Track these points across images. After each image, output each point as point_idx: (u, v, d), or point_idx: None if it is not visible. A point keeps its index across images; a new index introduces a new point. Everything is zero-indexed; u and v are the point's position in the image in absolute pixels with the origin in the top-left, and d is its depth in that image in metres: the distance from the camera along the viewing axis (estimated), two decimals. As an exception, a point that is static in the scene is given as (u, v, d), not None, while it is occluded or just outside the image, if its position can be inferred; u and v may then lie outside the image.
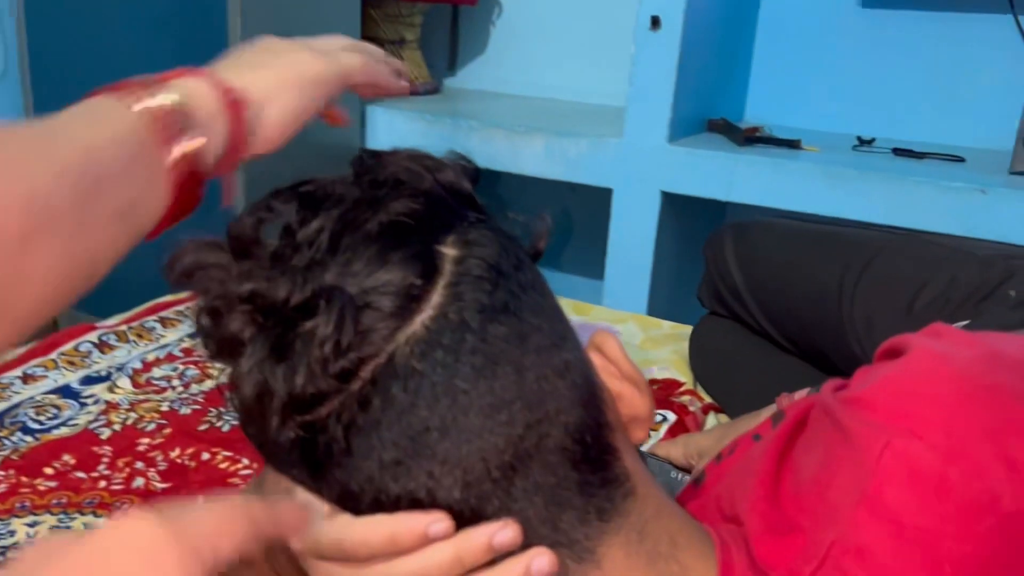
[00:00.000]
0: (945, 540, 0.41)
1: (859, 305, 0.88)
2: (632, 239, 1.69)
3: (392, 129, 1.88)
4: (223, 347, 0.40)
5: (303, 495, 0.44)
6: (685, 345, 1.12)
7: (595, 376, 0.46)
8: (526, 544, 0.42)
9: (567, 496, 0.43)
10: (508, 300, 0.41)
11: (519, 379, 0.41)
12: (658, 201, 1.66)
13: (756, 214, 1.64)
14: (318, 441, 0.40)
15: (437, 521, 0.41)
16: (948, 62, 1.75)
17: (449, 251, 0.41)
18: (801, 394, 0.79)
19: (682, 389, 1.06)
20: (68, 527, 0.83)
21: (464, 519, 0.41)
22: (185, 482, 0.90)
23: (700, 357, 1.08)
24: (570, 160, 1.71)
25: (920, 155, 1.62)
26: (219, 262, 0.41)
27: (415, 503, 0.41)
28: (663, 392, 1.05)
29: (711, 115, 1.78)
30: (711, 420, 1.00)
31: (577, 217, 2.12)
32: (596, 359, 0.48)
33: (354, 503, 0.42)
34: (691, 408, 1.02)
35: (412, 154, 0.44)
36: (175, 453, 0.94)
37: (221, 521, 0.35)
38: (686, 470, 0.83)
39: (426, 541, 0.41)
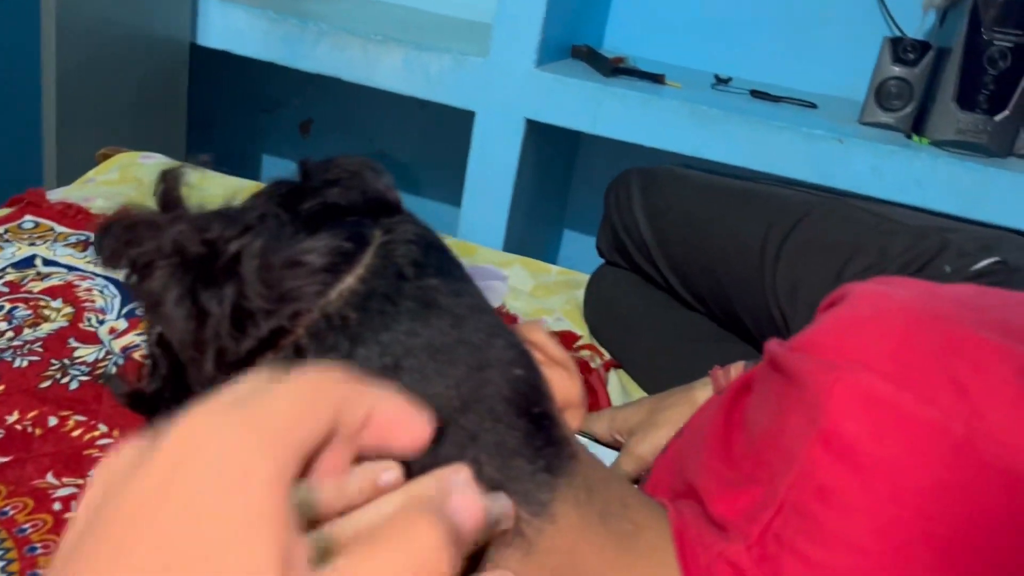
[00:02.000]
0: (905, 469, 0.41)
1: (783, 270, 0.85)
2: (492, 167, 1.61)
3: (228, 26, 1.68)
4: (148, 305, 0.40)
5: None
6: (579, 293, 1.07)
7: (528, 350, 0.45)
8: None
9: (515, 446, 0.42)
10: (440, 264, 0.43)
11: (457, 325, 0.42)
12: (522, 128, 1.58)
13: (615, 149, 1.61)
14: None
15: (388, 469, 0.37)
16: (803, 6, 1.76)
17: (377, 231, 0.42)
18: (737, 367, 0.76)
19: (580, 343, 1.01)
20: None
21: (415, 470, 0.38)
22: (30, 454, 0.76)
23: (597, 310, 1.04)
24: (431, 77, 1.59)
25: (776, 99, 1.64)
26: (149, 219, 0.40)
27: (361, 459, 0.38)
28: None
29: (575, 41, 1.71)
30: (613, 378, 0.96)
31: (435, 140, 2.01)
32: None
33: None
34: (592, 365, 0.97)
35: (360, 160, 0.45)
36: (13, 417, 0.79)
37: (302, 402, 0.29)
38: (612, 447, 0.79)
39: (376, 492, 0.37)
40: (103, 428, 0.79)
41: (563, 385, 0.46)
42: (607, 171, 1.18)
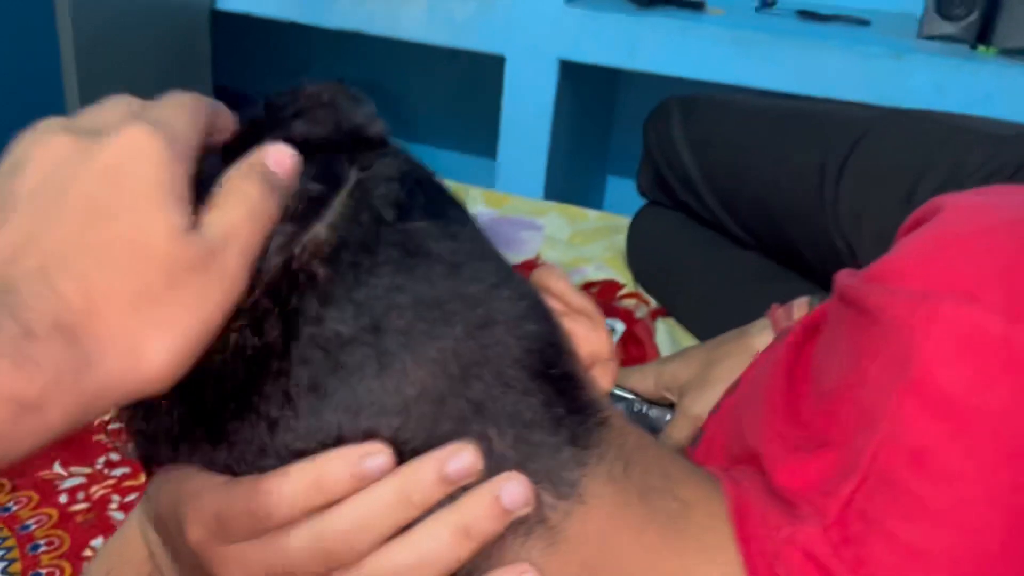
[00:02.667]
0: (1021, 425, 0.33)
1: (845, 196, 0.76)
2: (527, 113, 1.53)
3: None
4: None
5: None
6: (620, 239, 0.99)
7: (545, 302, 0.39)
8: (491, 475, 0.34)
9: (532, 416, 0.35)
10: (430, 204, 0.37)
11: (452, 275, 0.35)
12: (555, 70, 1.50)
13: (656, 84, 1.51)
14: (205, 385, 0.33)
15: (373, 453, 0.33)
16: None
17: (353, 169, 0.36)
18: (800, 304, 0.67)
19: (624, 292, 0.93)
20: None
21: (408, 452, 0.34)
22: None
23: (641, 254, 0.95)
24: (456, 23, 1.51)
25: (825, 18, 1.53)
26: None
27: (342, 442, 0.34)
28: (603, 296, 0.92)
29: (605, -28, 1.61)
30: (661, 327, 0.89)
31: (465, 90, 1.93)
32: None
33: (263, 460, 0.34)
34: (637, 314, 0.89)
35: (334, 87, 0.38)
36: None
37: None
38: (663, 405, 0.71)
39: (362, 481, 0.33)
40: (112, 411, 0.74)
41: (588, 338, 0.40)
42: (650, 109, 1.10)
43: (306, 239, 0.34)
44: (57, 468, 0.69)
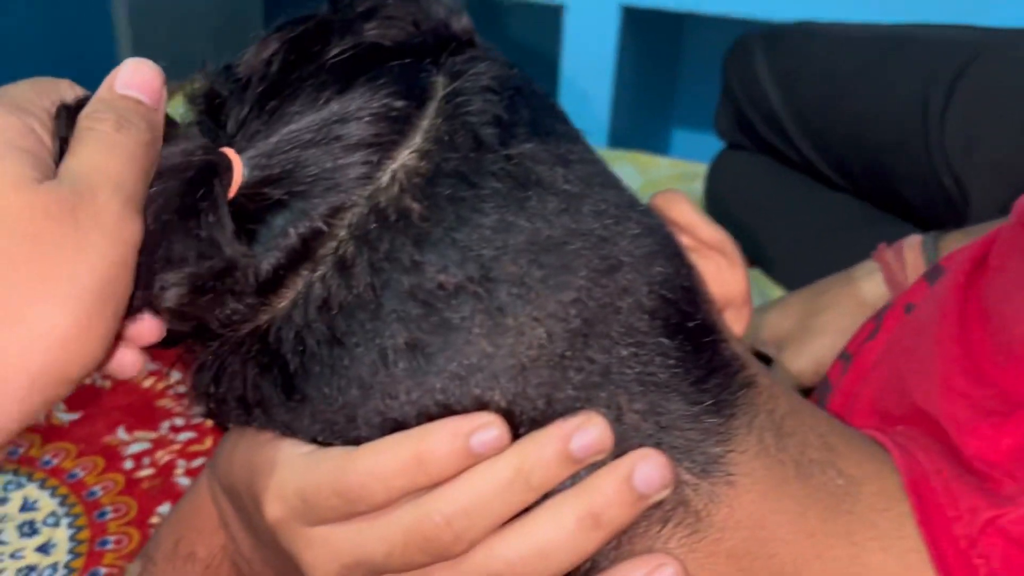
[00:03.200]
0: None
1: (952, 125, 0.70)
2: (588, 64, 1.47)
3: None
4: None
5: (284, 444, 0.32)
6: (695, 186, 0.94)
7: (673, 233, 0.34)
8: (621, 452, 0.30)
9: (668, 379, 0.31)
10: (534, 116, 0.31)
11: (570, 211, 0.30)
12: (617, 16, 1.43)
13: (725, 27, 1.44)
14: (283, 338, 0.30)
15: (485, 426, 0.29)
16: None
17: (440, 78, 0.31)
18: (911, 245, 0.61)
19: (705, 240, 0.88)
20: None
21: (524, 424, 0.30)
22: (100, 409, 0.68)
23: (722, 201, 0.90)
24: (512, -29, 1.46)
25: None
26: None
27: (447, 411, 0.29)
28: (682, 245, 0.87)
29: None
30: (747, 277, 0.83)
31: (522, 41, 1.87)
32: None
33: (355, 432, 0.30)
34: (721, 263, 0.84)
35: None
36: (80, 370, 0.72)
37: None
38: (760, 355, 0.66)
39: (471, 458, 0.29)
40: (176, 376, 0.71)
41: (721, 278, 0.35)
42: (719, 55, 1.03)
43: (393, 167, 0.29)
44: (121, 433, 0.66)
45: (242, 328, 0.31)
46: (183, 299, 0.29)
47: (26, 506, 0.60)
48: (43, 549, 0.58)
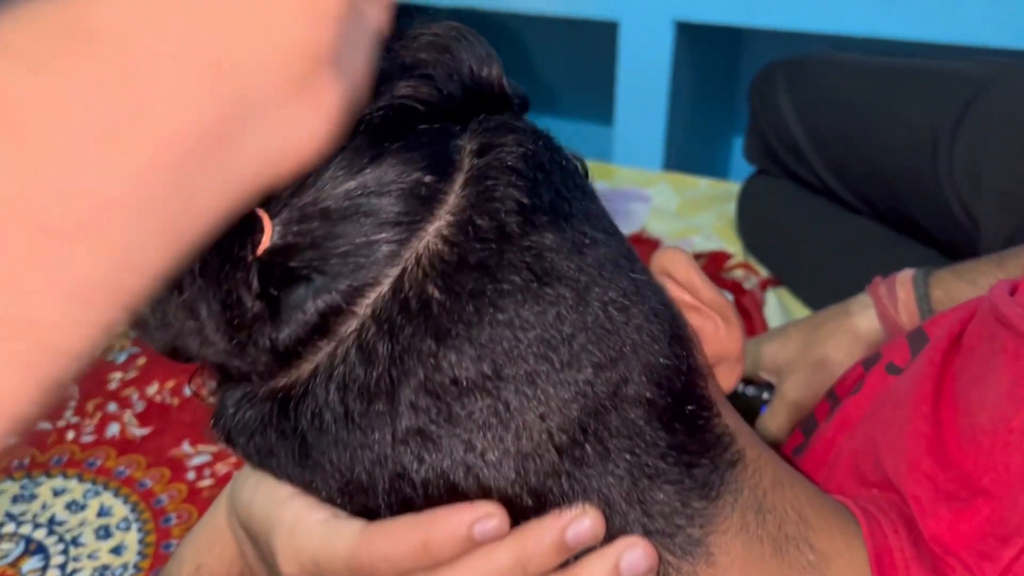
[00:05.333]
0: None
1: (960, 155, 0.72)
2: (644, 79, 1.50)
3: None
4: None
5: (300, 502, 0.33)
6: (730, 207, 0.97)
7: (674, 305, 0.35)
8: (609, 537, 0.31)
9: (658, 467, 0.32)
10: (554, 200, 0.31)
11: (581, 304, 0.30)
12: (671, 32, 1.46)
13: (780, 41, 1.45)
14: (301, 410, 0.31)
15: (487, 517, 0.30)
16: None
17: (467, 144, 0.31)
18: (904, 276, 0.64)
19: (732, 262, 0.91)
20: (33, 495, 0.70)
21: (522, 509, 0.31)
22: (167, 424, 0.76)
23: (751, 222, 0.93)
24: (567, -9, 1.50)
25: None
26: None
27: (453, 492, 0.30)
28: (711, 267, 0.91)
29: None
30: (771, 298, 0.86)
31: (579, 58, 1.91)
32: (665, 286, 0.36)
33: (365, 500, 0.32)
34: (746, 285, 0.87)
35: (449, 27, 0.32)
36: (153, 389, 0.80)
37: None
38: (759, 384, 0.69)
39: (473, 545, 0.30)
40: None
41: (716, 336, 0.36)
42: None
43: (419, 249, 0.29)
44: (186, 447, 0.74)
45: (261, 387, 0.32)
46: (215, 335, 0.30)
47: (102, 512, 0.69)
48: (116, 551, 0.66)
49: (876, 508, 0.37)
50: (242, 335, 0.30)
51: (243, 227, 0.29)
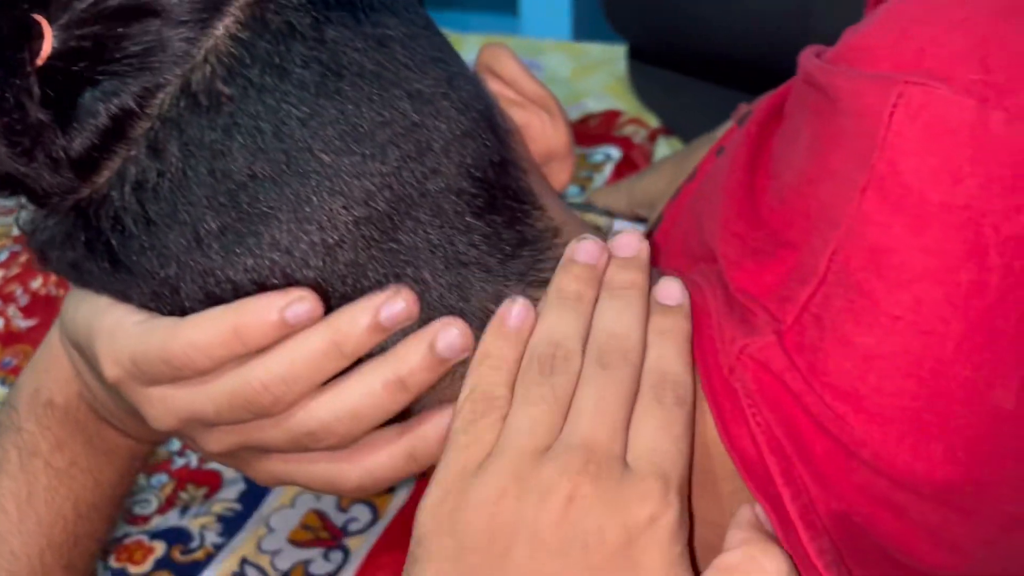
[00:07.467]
0: (988, 216, 0.30)
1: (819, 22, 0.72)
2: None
3: None
4: None
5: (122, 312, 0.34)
6: (622, 67, 0.97)
7: (491, 97, 0.37)
8: (426, 319, 0.33)
9: (476, 255, 0.33)
10: None
11: (381, 95, 0.31)
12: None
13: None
14: (101, 217, 0.32)
15: (298, 300, 0.31)
16: None
17: None
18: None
19: (624, 119, 0.91)
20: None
21: (335, 298, 0.32)
22: (53, 314, 0.75)
23: (643, 73, 0.93)
24: None
25: None
26: None
27: (263, 288, 0.32)
28: (603, 127, 0.90)
29: None
30: (662, 147, 0.87)
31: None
32: (488, 83, 0.38)
33: (179, 302, 0.33)
34: (636, 139, 0.88)
35: None
36: (37, 283, 0.79)
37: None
38: (637, 219, 0.70)
39: (285, 329, 0.31)
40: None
41: (542, 130, 0.37)
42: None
43: (205, 48, 0.30)
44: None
45: (66, 200, 0.32)
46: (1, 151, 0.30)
47: None
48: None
49: (702, 279, 0.38)
50: (24, 141, 0.29)
51: (20, 33, 0.29)
